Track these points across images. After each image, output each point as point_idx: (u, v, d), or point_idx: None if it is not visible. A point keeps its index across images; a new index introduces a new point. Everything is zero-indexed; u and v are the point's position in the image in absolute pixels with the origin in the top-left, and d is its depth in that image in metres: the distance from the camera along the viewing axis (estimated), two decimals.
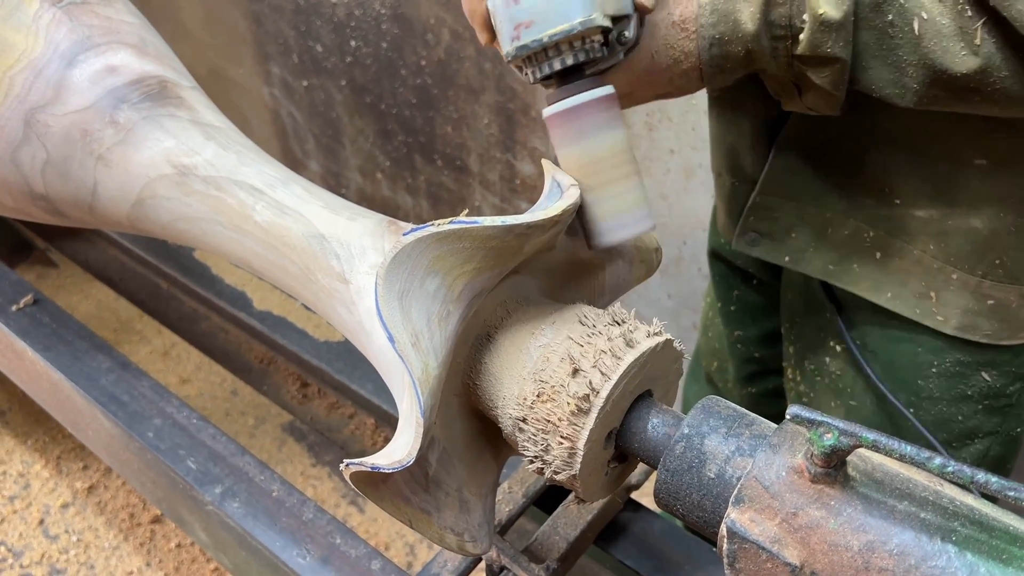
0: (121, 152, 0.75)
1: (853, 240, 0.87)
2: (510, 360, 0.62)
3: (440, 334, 0.56)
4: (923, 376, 0.90)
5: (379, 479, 0.56)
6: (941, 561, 0.46)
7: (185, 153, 0.74)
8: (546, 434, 0.59)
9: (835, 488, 0.50)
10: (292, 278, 0.69)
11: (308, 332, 1.29)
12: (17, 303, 1.20)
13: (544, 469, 0.61)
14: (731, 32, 0.69)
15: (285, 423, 1.94)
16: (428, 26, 1.83)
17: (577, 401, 0.57)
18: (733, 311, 1.20)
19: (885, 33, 0.65)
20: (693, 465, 0.55)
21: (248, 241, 0.70)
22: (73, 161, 0.76)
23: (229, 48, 2.34)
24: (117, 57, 0.77)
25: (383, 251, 0.64)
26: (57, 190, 0.79)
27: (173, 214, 0.75)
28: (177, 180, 0.73)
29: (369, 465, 0.53)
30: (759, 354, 1.22)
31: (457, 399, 0.66)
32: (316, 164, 2.40)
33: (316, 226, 0.67)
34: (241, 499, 0.95)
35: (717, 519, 0.54)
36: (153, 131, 0.75)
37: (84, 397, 1.08)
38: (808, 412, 0.48)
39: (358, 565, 0.87)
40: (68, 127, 0.76)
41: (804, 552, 0.49)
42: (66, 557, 1.71)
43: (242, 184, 0.72)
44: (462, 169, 2.03)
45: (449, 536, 0.62)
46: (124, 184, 0.75)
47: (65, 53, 0.76)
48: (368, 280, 0.63)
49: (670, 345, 0.62)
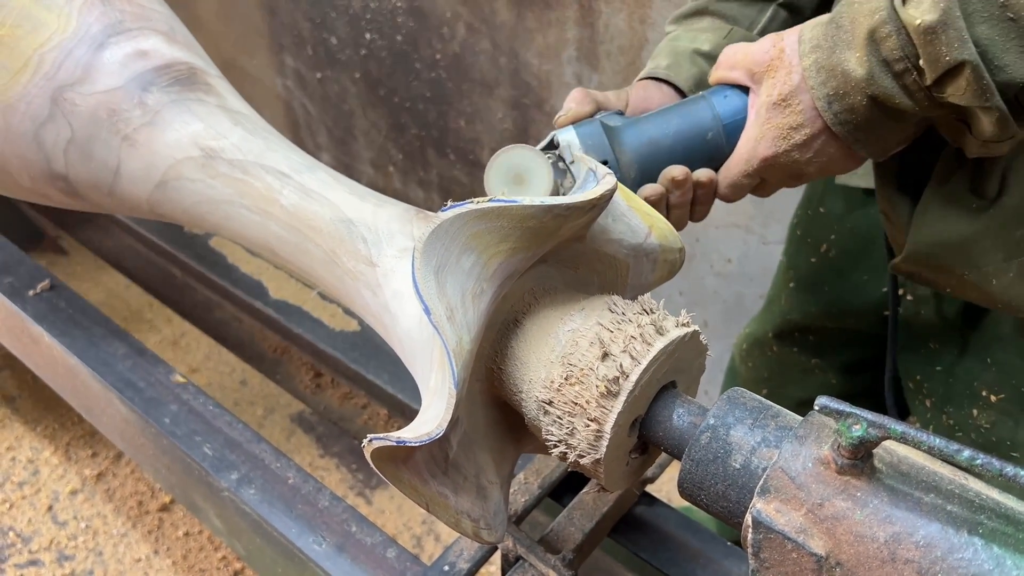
0: (148, 133, 0.75)
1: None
2: (537, 344, 0.62)
3: (473, 310, 0.56)
4: None
5: (401, 457, 0.56)
6: (967, 553, 0.47)
7: (213, 136, 0.74)
8: (572, 417, 0.59)
9: (861, 480, 0.50)
10: (316, 262, 0.69)
11: (323, 321, 1.29)
12: (34, 288, 1.21)
13: (568, 453, 0.61)
14: (843, 84, 0.66)
15: (294, 414, 1.95)
16: (444, 20, 1.83)
17: (606, 383, 0.57)
18: (812, 341, 1.14)
19: (1004, 19, 0.59)
20: (719, 455, 0.56)
21: (272, 224, 0.71)
22: (98, 140, 0.76)
23: (243, 39, 2.34)
24: (148, 42, 0.78)
25: (411, 236, 0.65)
26: (78, 170, 0.79)
27: (197, 196, 0.75)
28: (203, 162, 0.74)
29: (395, 439, 0.53)
30: (836, 380, 1.16)
31: (479, 385, 0.66)
32: (328, 156, 2.41)
33: (343, 211, 0.68)
34: (257, 486, 0.95)
35: (742, 509, 0.55)
36: (181, 114, 0.75)
37: (100, 382, 1.08)
38: (837, 403, 0.49)
39: (373, 553, 0.88)
40: (95, 106, 0.76)
41: (830, 543, 0.49)
42: (74, 543, 1.72)
43: (269, 168, 0.72)
44: (475, 163, 2.03)
45: (465, 521, 0.62)
46: (148, 165, 0.76)
47: (96, 35, 0.77)
48: (396, 263, 0.64)
49: (696, 337, 0.62)
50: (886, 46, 0.63)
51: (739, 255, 1.65)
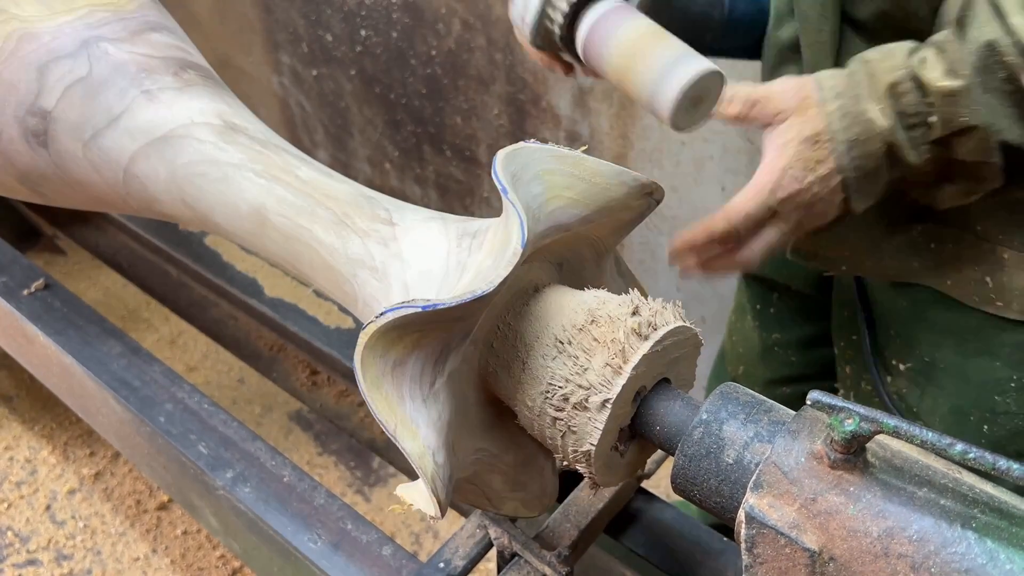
0: (173, 95, 0.78)
1: (905, 242, 0.87)
2: (559, 301, 0.63)
3: (534, 225, 0.58)
4: (1001, 391, 0.89)
5: (398, 356, 0.56)
6: (961, 548, 0.46)
7: (238, 117, 0.77)
8: (590, 355, 0.59)
9: (854, 474, 0.50)
10: (319, 222, 0.69)
11: (319, 319, 1.29)
12: (28, 287, 1.20)
13: (568, 397, 0.59)
14: (866, 131, 0.72)
15: (292, 412, 1.94)
16: (439, 16, 1.83)
17: (637, 325, 0.59)
18: (772, 314, 1.19)
19: (1004, 92, 0.67)
20: (711, 451, 0.55)
21: (279, 188, 0.72)
22: (113, 87, 0.78)
23: (239, 36, 2.34)
24: (194, 55, 0.85)
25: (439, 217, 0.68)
26: (67, 109, 0.78)
27: (200, 156, 0.75)
28: (221, 130, 0.76)
29: (421, 304, 0.53)
30: (796, 358, 1.20)
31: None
32: (325, 154, 2.40)
33: (365, 191, 0.71)
34: (252, 484, 0.95)
35: (735, 505, 0.54)
36: (211, 93, 0.79)
37: (95, 382, 1.08)
38: (829, 398, 0.48)
39: (369, 551, 0.88)
40: (127, 61, 0.78)
41: (823, 538, 0.49)
42: (72, 543, 1.71)
43: (291, 152, 0.75)
44: (471, 160, 2.02)
45: (428, 460, 0.57)
46: (159, 118, 0.77)
47: (152, 22, 0.82)
48: (419, 224, 0.66)
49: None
50: (904, 101, 0.70)
51: None
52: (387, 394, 0.55)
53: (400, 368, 0.56)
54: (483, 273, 0.56)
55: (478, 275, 0.57)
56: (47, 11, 0.79)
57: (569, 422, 0.59)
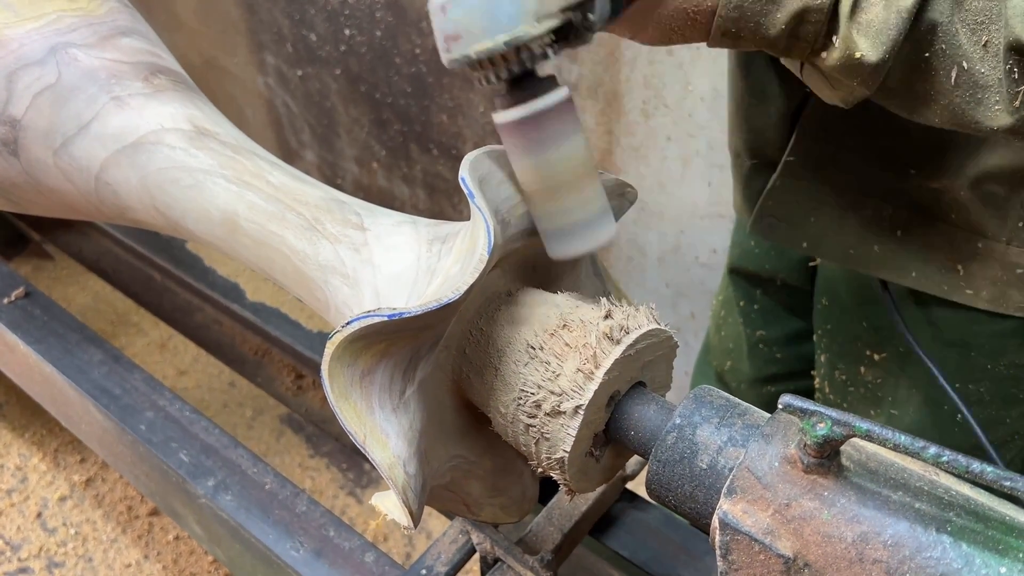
0: (143, 101, 0.77)
1: (872, 221, 0.86)
2: (532, 306, 0.62)
3: (501, 234, 0.57)
4: (975, 380, 0.89)
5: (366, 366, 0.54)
6: (936, 552, 0.46)
7: (210, 122, 0.77)
8: (562, 360, 0.58)
9: (828, 478, 0.49)
10: (289, 227, 0.68)
11: (301, 323, 1.28)
12: (8, 296, 1.19)
13: (541, 404, 0.58)
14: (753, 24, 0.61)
15: (283, 414, 1.93)
16: (422, 14, 1.81)
17: (609, 329, 0.58)
18: (757, 310, 1.18)
19: (918, 68, 0.60)
20: (685, 456, 0.54)
21: (249, 194, 0.71)
22: (82, 93, 0.77)
23: (223, 37, 2.32)
24: (167, 60, 0.84)
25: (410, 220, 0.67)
26: (36, 117, 0.78)
27: (170, 162, 0.74)
28: (192, 136, 0.75)
29: (386, 313, 0.51)
30: (781, 355, 1.19)
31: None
32: (312, 154, 2.39)
33: (337, 196, 0.70)
34: (234, 492, 0.94)
35: (709, 510, 0.54)
36: (183, 98, 0.78)
37: (76, 390, 1.07)
38: (801, 401, 0.48)
39: (351, 557, 0.87)
40: (97, 67, 0.78)
41: (797, 543, 0.48)
42: (64, 550, 1.71)
43: (263, 156, 0.74)
44: (458, 158, 2.01)
45: (399, 470, 0.56)
46: (129, 125, 0.76)
47: (122, 27, 0.81)
48: (391, 229, 0.65)
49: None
50: (805, 28, 0.60)
51: (724, 246, 1.64)
52: (355, 404, 0.55)
53: (369, 377, 0.55)
54: (451, 280, 0.55)
55: (446, 282, 0.56)
56: (15, 17, 0.78)
57: (542, 429, 0.58)
